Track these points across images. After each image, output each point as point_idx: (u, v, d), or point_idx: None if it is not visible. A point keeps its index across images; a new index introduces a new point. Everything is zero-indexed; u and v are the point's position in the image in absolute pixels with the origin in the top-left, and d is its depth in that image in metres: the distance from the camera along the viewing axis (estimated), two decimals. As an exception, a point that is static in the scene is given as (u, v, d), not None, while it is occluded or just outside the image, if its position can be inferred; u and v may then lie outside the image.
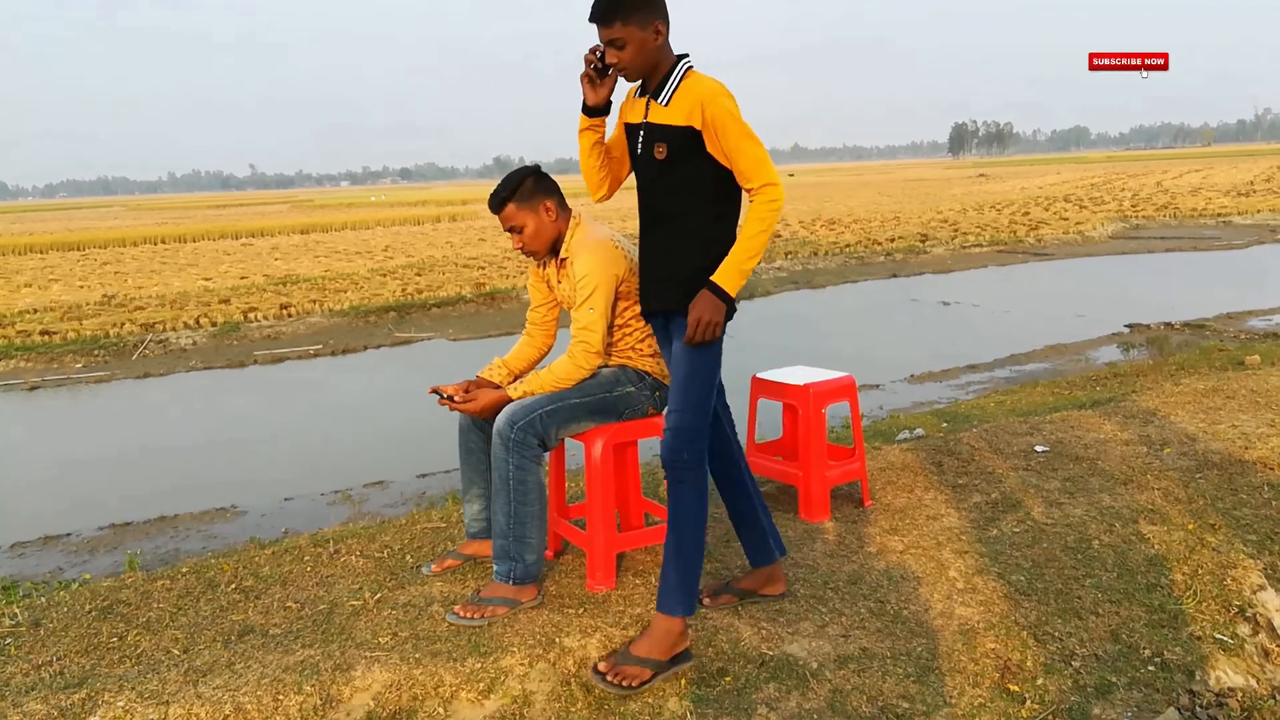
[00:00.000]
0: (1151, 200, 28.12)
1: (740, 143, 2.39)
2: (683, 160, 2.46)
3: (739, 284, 2.42)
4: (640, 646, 2.50)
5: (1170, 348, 9.02)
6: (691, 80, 2.45)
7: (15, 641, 2.85)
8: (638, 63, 2.45)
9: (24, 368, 10.81)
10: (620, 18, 2.38)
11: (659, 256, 2.60)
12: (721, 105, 2.38)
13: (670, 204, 2.53)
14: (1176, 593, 2.91)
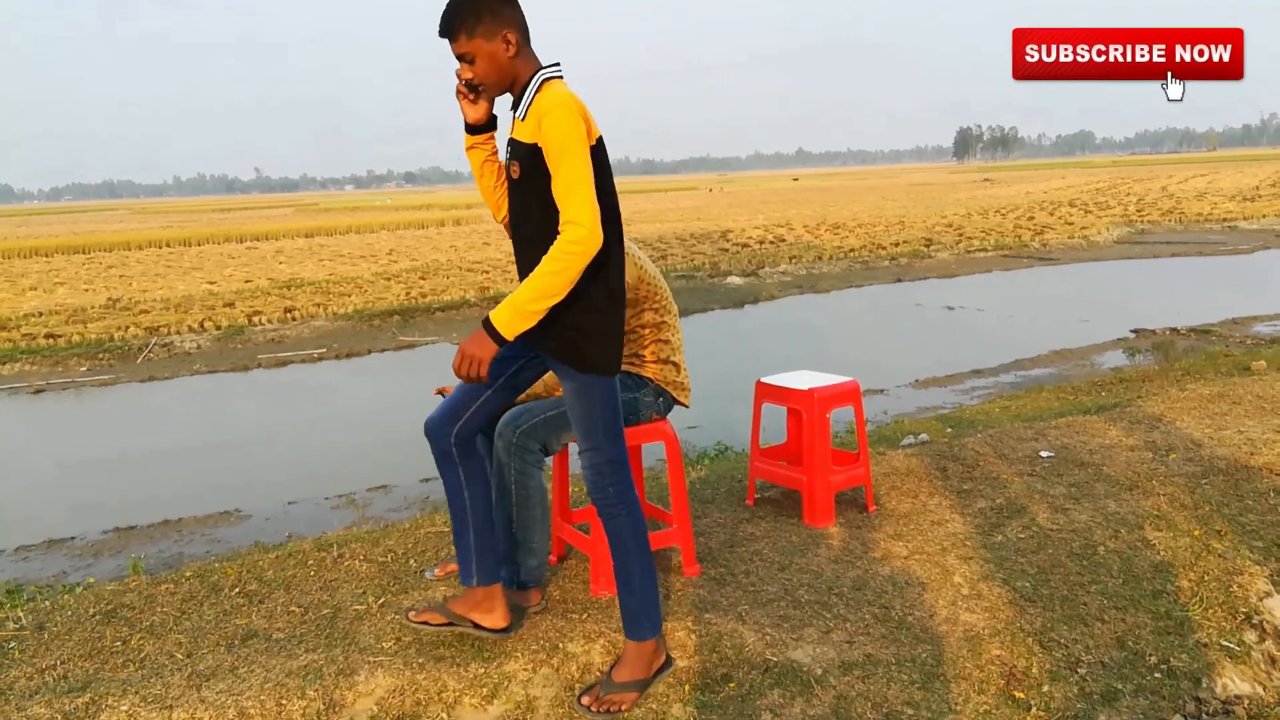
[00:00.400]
0: (1157, 205, 28.08)
1: (561, 166, 2.17)
2: (534, 180, 2.26)
3: (516, 326, 2.18)
4: (621, 673, 2.46)
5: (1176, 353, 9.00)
6: (542, 93, 2.25)
7: (19, 645, 2.85)
8: (492, 77, 2.30)
9: (29, 371, 10.84)
10: (464, 31, 2.24)
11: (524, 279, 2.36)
12: (555, 121, 2.17)
13: (529, 228, 2.34)
14: (1182, 599, 2.90)
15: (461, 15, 2.24)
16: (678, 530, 3.09)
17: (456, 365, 2.23)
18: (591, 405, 2.38)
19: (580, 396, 2.37)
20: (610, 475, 2.43)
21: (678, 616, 2.76)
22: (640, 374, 2.98)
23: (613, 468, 2.43)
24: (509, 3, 2.27)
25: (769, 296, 14.74)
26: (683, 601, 2.87)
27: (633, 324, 2.94)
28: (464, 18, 2.24)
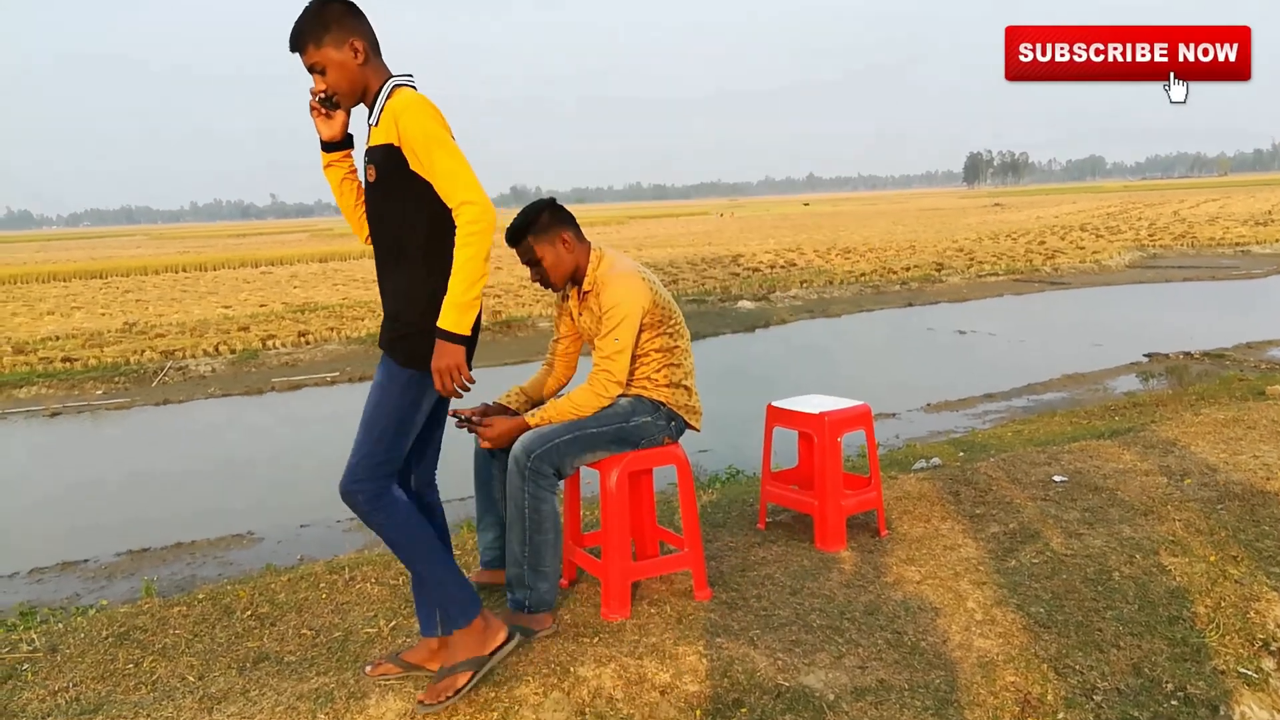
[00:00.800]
0: (1169, 229, 28.02)
1: (434, 155, 2.24)
2: (389, 181, 2.33)
3: (465, 319, 2.26)
4: (450, 658, 2.48)
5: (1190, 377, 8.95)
6: (394, 97, 2.32)
7: (32, 667, 2.86)
8: (344, 85, 2.34)
9: (46, 394, 10.92)
10: (312, 42, 2.30)
11: (383, 291, 2.46)
12: (414, 116, 2.25)
13: (384, 231, 2.40)
14: (1199, 626, 2.87)
15: (309, 27, 2.30)
16: (689, 554, 3.08)
17: (439, 385, 2.30)
18: (389, 399, 2.39)
19: (381, 388, 2.40)
20: (365, 479, 2.36)
21: (689, 641, 2.75)
22: (652, 397, 2.99)
23: (371, 470, 2.37)
24: (354, 14, 2.34)
25: (780, 320, 14.74)
26: (694, 626, 2.86)
27: (645, 347, 2.95)
28: (311, 29, 2.30)
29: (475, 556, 3.57)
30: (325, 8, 2.31)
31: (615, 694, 2.50)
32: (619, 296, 2.86)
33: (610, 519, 2.92)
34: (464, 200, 2.24)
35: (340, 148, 2.51)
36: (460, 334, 2.26)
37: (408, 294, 2.39)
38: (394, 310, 2.42)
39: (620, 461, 2.94)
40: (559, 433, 2.84)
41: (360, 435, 2.39)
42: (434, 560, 2.50)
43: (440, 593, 2.52)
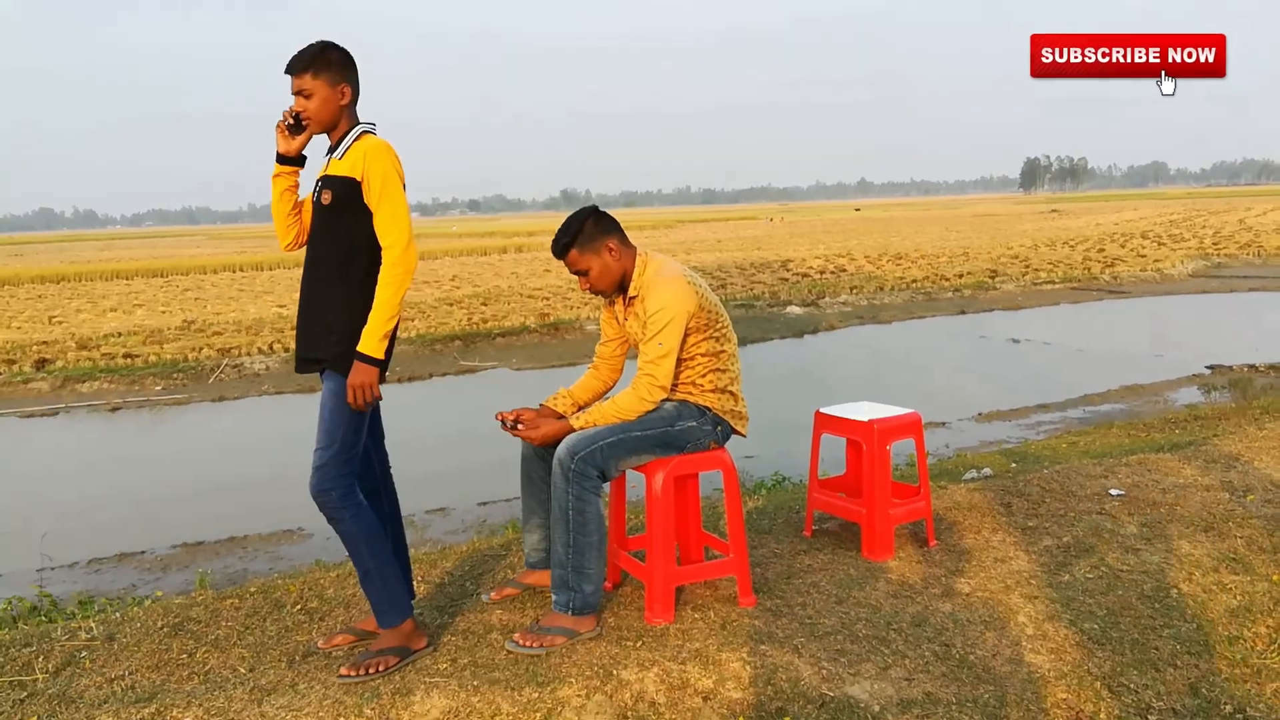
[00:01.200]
0: (1234, 238, 27.23)
1: (383, 198, 2.60)
2: (345, 209, 2.63)
3: (382, 346, 2.60)
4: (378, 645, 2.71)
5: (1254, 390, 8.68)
6: (364, 139, 2.67)
7: (90, 655, 2.94)
8: (322, 115, 2.67)
9: (107, 389, 11.23)
10: (312, 71, 2.63)
11: (316, 305, 2.70)
12: (380, 160, 2.61)
13: (330, 251, 2.67)
14: (1260, 646, 2.78)
15: (317, 58, 2.65)
16: (734, 560, 3.07)
17: (352, 399, 2.60)
18: (342, 406, 2.63)
19: (335, 396, 2.64)
20: (335, 479, 2.62)
21: (732, 647, 2.73)
22: (698, 402, 2.98)
23: (339, 471, 2.63)
24: (352, 64, 2.71)
25: (829, 326, 14.62)
26: (738, 632, 2.84)
27: (691, 351, 2.94)
28: (318, 61, 2.65)
29: (521, 557, 3.59)
30: (334, 50, 2.68)
31: (658, 698, 2.49)
32: (664, 300, 2.86)
33: (655, 523, 2.91)
34: (395, 242, 2.60)
35: (294, 163, 2.80)
36: (376, 358, 2.61)
37: (350, 311, 2.65)
38: (334, 324, 2.66)
39: (666, 465, 2.93)
40: (603, 435, 2.84)
41: (323, 441, 2.64)
42: (384, 559, 2.74)
43: (385, 590, 2.74)
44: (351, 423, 2.65)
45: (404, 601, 2.78)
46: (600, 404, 2.96)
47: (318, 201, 2.71)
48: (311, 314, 2.71)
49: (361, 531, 2.69)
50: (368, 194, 2.62)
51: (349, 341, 2.63)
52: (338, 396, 2.63)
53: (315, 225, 2.74)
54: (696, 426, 2.96)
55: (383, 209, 2.61)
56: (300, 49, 2.67)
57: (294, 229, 2.86)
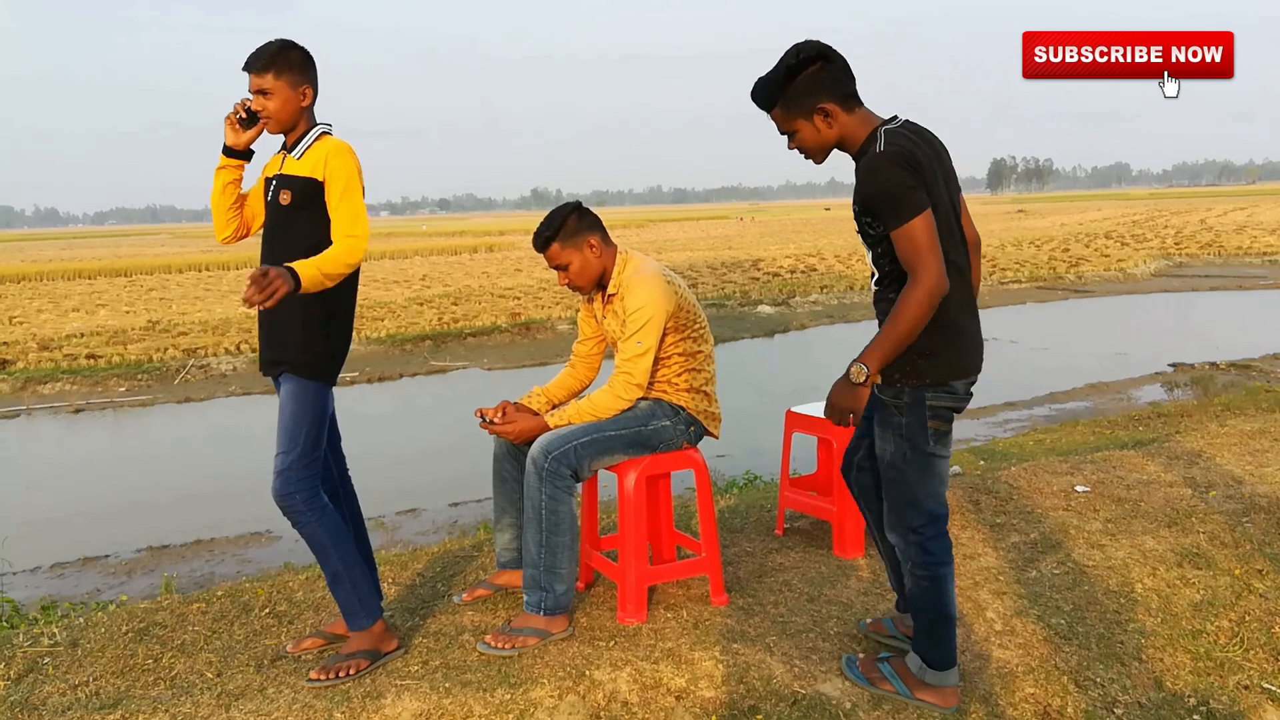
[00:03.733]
0: (1195, 238, 27.72)
1: (344, 198, 2.59)
2: (305, 209, 2.62)
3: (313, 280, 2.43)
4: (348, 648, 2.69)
5: (1215, 388, 8.85)
6: (324, 140, 2.67)
7: (53, 661, 2.89)
8: (281, 115, 2.65)
9: (69, 390, 11.04)
10: (274, 71, 2.61)
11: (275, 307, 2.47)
12: (342, 160, 2.60)
13: (288, 252, 2.59)
14: (1222, 640, 2.83)
15: (278, 58, 2.62)
16: (706, 559, 3.07)
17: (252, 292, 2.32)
18: (303, 410, 2.62)
19: (296, 400, 2.61)
20: (299, 482, 2.60)
21: (705, 646, 2.73)
22: (672, 401, 2.98)
23: (302, 475, 2.61)
24: (313, 65, 2.69)
25: (800, 326, 14.70)
26: (710, 631, 2.85)
27: (669, 350, 2.95)
28: (279, 60, 2.62)
29: (493, 558, 3.58)
30: (295, 49, 2.65)
31: (630, 698, 2.49)
32: (643, 299, 2.86)
33: (627, 523, 2.91)
34: (355, 235, 2.58)
35: (241, 157, 2.78)
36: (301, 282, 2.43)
37: (309, 313, 2.62)
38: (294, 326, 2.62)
39: (638, 465, 2.93)
40: (577, 434, 2.84)
41: (285, 445, 2.60)
42: (351, 561, 2.72)
43: (353, 593, 2.71)
44: (313, 425, 2.63)
45: (373, 604, 2.75)
46: (576, 402, 2.95)
47: (273, 201, 2.68)
48: (271, 316, 2.66)
49: (328, 535, 2.66)
50: (329, 195, 2.60)
51: (309, 344, 2.62)
52: (298, 400, 2.61)
53: (271, 225, 2.71)
54: (670, 426, 2.96)
55: (343, 208, 2.59)
56: (260, 46, 2.64)
57: (234, 223, 2.83)
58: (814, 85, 2.28)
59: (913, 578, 2.43)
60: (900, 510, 2.43)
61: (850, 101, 2.32)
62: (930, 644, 2.44)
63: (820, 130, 2.32)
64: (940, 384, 2.34)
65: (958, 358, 2.36)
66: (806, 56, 2.28)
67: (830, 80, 2.29)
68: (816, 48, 2.29)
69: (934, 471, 2.39)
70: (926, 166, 2.23)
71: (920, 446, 2.36)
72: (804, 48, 2.29)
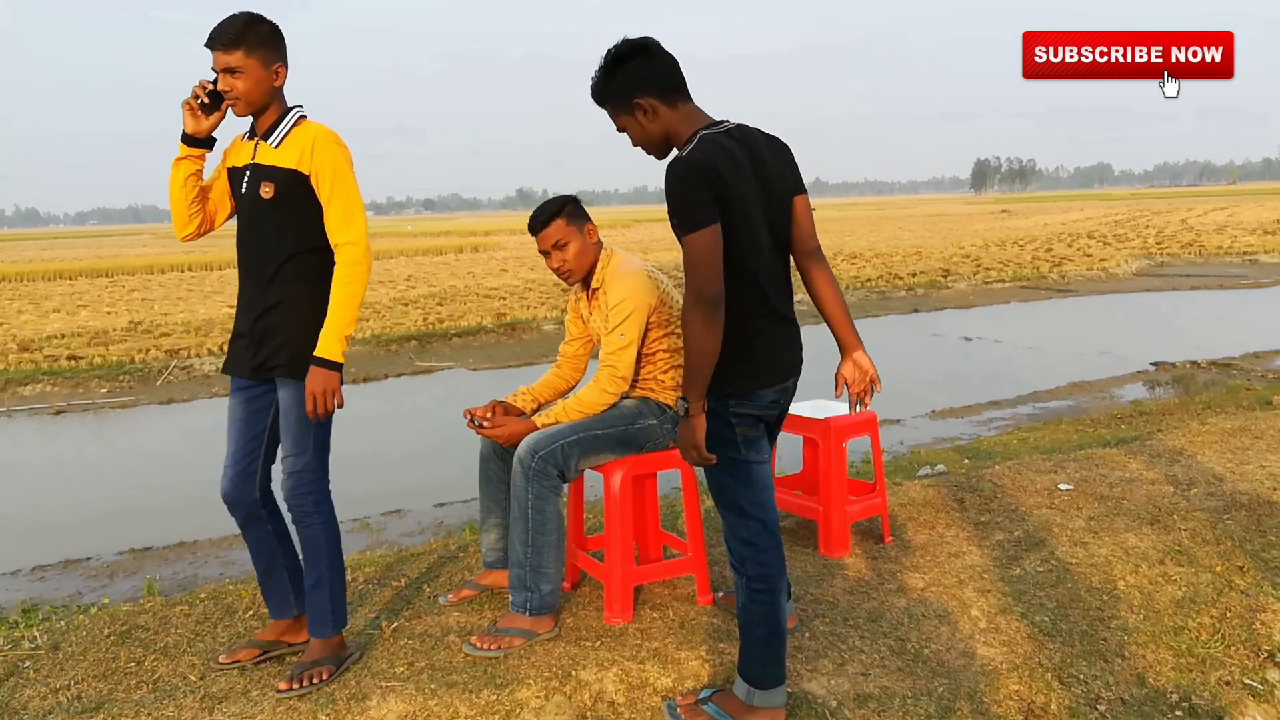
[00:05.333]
0: (1176, 238, 27.94)
1: (336, 191, 2.44)
2: (289, 203, 2.46)
3: (342, 349, 2.45)
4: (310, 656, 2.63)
5: (1196, 386, 8.92)
6: (304, 126, 2.49)
7: (34, 665, 2.86)
8: (252, 96, 2.45)
9: (50, 392, 10.94)
10: (245, 47, 2.40)
11: (262, 308, 2.52)
12: (331, 151, 2.44)
13: (273, 249, 2.50)
14: (1204, 636, 2.85)
15: (247, 32, 2.41)
16: (692, 558, 3.08)
17: (311, 409, 2.42)
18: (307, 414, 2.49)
19: (300, 405, 2.50)
20: (311, 484, 2.57)
21: (691, 646, 2.74)
22: (659, 400, 2.98)
23: (315, 477, 2.58)
24: (283, 41, 2.50)
25: (785, 326, 14.71)
26: (696, 631, 2.85)
27: (654, 347, 2.96)
28: (249, 36, 2.41)
29: (479, 558, 3.57)
30: (265, 23, 2.45)
31: (617, 698, 2.49)
32: (624, 292, 2.86)
33: (613, 522, 2.91)
34: (352, 240, 2.44)
35: (202, 145, 2.56)
36: (338, 362, 2.44)
37: (302, 313, 2.51)
38: (286, 329, 2.51)
39: (624, 465, 2.93)
40: (564, 434, 2.83)
41: (294, 449, 2.56)
42: (338, 569, 2.68)
43: (330, 600, 2.65)
44: (322, 424, 2.54)
45: (344, 613, 2.71)
46: (563, 401, 2.95)
47: (252, 196, 2.49)
48: (252, 318, 2.55)
49: (327, 540, 2.62)
50: (318, 188, 2.45)
51: (303, 346, 2.48)
52: (299, 404, 2.50)
53: (249, 221, 2.54)
54: (656, 425, 2.96)
55: (335, 204, 2.44)
56: (224, 20, 2.42)
57: (197, 218, 2.63)
58: (633, 81, 2.24)
59: (747, 592, 2.32)
60: (732, 523, 2.34)
61: (673, 96, 2.25)
62: (761, 662, 2.33)
63: (643, 125, 2.26)
64: (740, 395, 2.25)
65: (755, 369, 2.28)
66: (624, 51, 2.24)
67: (650, 75, 2.24)
68: (636, 42, 2.26)
69: (753, 479, 2.31)
70: (730, 180, 2.13)
71: (732, 455, 2.27)
72: (623, 44, 2.26)
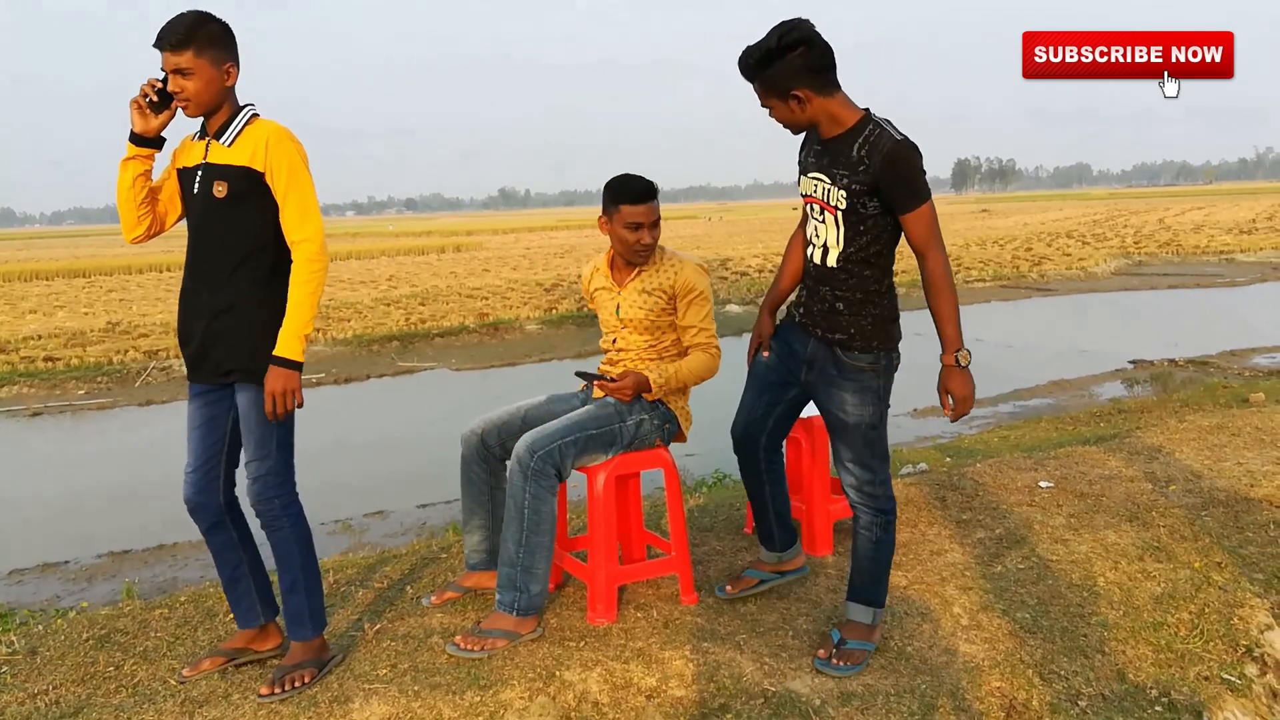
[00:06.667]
0: (1154, 237, 28.21)
1: (291, 188, 2.42)
2: (243, 202, 2.43)
3: (302, 348, 2.43)
4: (291, 659, 2.61)
5: (1174, 384, 9.01)
6: (257, 124, 2.47)
7: (11, 670, 2.83)
8: (203, 97, 2.42)
9: (27, 394, 10.83)
10: (194, 47, 2.37)
11: (215, 311, 2.48)
12: (286, 146, 2.42)
13: (227, 250, 2.46)
14: (1183, 631, 2.88)
15: (196, 31, 2.37)
16: (676, 558, 3.08)
17: (271, 409, 2.42)
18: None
19: (260, 407, 2.47)
20: (277, 488, 2.53)
21: (675, 645, 2.74)
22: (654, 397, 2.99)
23: (280, 480, 2.54)
24: (234, 40, 2.47)
25: (768, 325, 14.75)
26: (680, 630, 2.85)
27: (668, 344, 3.02)
28: (199, 35, 2.37)
29: (461, 559, 3.55)
30: (215, 22, 2.41)
31: (601, 699, 2.49)
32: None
33: (597, 522, 2.90)
34: (308, 237, 2.42)
35: (151, 145, 2.51)
36: (297, 361, 2.42)
37: (259, 315, 2.47)
38: (242, 331, 2.46)
39: (607, 465, 2.93)
40: (561, 434, 2.83)
41: (257, 452, 2.51)
42: (313, 571, 2.66)
43: (308, 603, 2.63)
44: (283, 426, 2.52)
45: (323, 614, 2.69)
46: (675, 365, 3.00)
47: (204, 195, 2.44)
48: (205, 321, 2.49)
49: (298, 542, 2.60)
50: (273, 184, 2.42)
51: (260, 348, 2.44)
52: (259, 407, 2.46)
53: (200, 222, 2.49)
54: (647, 421, 2.97)
55: (291, 200, 2.42)
56: (172, 19, 2.37)
57: (147, 220, 2.56)
58: (791, 71, 2.39)
59: (885, 528, 2.68)
60: (873, 466, 2.66)
61: (828, 86, 2.44)
62: (882, 588, 2.74)
63: (794, 112, 2.46)
64: (896, 348, 2.65)
65: (899, 327, 2.68)
66: (790, 42, 2.37)
67: (808, 67, 2.39)
68: (801, 33, 2.37)
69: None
70: None
71: (888, 404, 2.68)
72: (788, 32, 2.38)
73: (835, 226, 2.52)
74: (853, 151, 2.44)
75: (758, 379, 2.90)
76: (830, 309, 2.60)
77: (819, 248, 2.59)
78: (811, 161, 2.57)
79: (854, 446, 2.64)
